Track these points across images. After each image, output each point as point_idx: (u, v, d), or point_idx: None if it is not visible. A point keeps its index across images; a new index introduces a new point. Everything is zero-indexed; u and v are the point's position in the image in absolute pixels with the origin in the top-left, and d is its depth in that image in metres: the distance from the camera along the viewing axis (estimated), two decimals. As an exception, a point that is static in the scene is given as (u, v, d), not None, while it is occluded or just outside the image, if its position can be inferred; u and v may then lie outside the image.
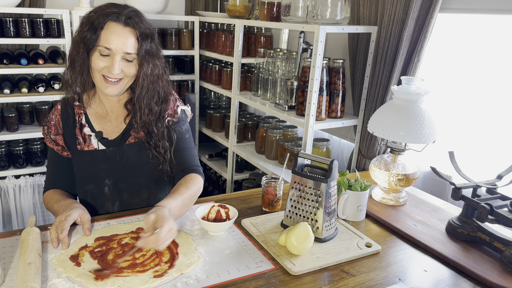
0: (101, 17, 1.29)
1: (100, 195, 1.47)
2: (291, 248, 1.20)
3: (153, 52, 1.36)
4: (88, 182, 1.46)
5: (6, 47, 2.69)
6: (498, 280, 1.14)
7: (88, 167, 1.44)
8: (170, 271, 1.10)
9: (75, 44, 1.32)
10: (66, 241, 1.19)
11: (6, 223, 2.70)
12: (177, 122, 1.48)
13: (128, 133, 1.45)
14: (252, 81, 2.61)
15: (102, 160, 1.43)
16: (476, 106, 1.80)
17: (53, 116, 1.46)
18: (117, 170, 1.44)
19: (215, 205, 1.37)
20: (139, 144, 1.44)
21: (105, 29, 1.28)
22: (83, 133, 1.43)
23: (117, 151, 1.43)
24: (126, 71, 1.33)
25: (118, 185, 1.46)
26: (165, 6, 3.27)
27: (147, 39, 1.33)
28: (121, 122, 1.46)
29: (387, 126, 1.52)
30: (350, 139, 2.36)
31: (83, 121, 1.44)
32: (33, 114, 2.77)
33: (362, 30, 1.99)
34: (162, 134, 1.43)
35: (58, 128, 1.45)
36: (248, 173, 2.88)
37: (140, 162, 1.45)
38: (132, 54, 1.31)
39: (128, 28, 1.30)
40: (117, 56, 1.29)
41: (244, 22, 2.46)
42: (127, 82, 1.36)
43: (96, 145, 1.43)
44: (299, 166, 1.36)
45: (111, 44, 1.28)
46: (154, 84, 1.38)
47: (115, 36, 1.28)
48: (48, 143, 1.47)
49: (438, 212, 1.54)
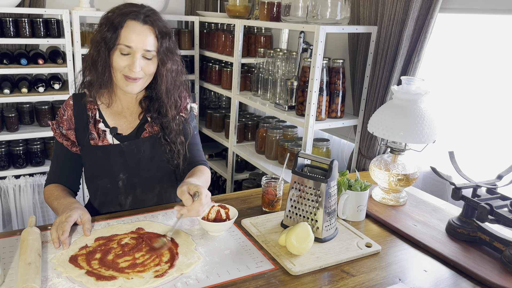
0: (120, 16, 1.32)
1: (114, 189, 1.49)
2: (291, 248, 1.20)
3: (172, 49, 1.41)
4: (101, 176, 1.48)
5: (6, 47, 2.69)
6: (498, 280, 1.14)
7: (102, 162, 1.45)
8: (170, 271, 1.10)
9: (95, 45, 1.35)
10: (67, 242, 1.19)
11: (6, 223, 2.70)
12: (187, 119, 1.53)
13: (143, 128, 1.48)
14: (252, 81, 2.61)
15: (117, 155, 1.45)
16: (476, 106, 1.80)
17: (64, 112, 1.47)
18: (131, 165, 1.47)
19: (215, 205, 1.37)
20: (153, 138, 1.47)
21: (125, 28, 1.31)
22: (97, 128, 1.45)
23: (132, 145, 1.45)
24: (145, 69, 1.36)
25: (132, 180, 1.49)
26: (165, 6, 3.27)
27: (165, 37, 1.37)
28: (135, 118, 1.50)
29: (387, 126, 1.52)
30: (350, 139, 2.36)
31: (97, 117, 1.46)
32: (33, 114, 2.77)
33: (362, 30, 1.99)
34: (179, 129, 1.48)
35: (70, 123, 1.46)
36: (248, 173, 2.88)
37: (154, 156, 1.48)
38: (152, 51, 1.34)
39: (147, 26, 1.33)
40: (138, 54, 1.32)
41: (244, 22, 2.46)
42: (146, 80, 1.40)
43: (111, 140, 1.45)
44: (299, 166, 1.36)
45: (132, 42, 1.31)
46: (175, 79, 1.44)
47: (135, 34, 1.31)
48: (57, 138, 1.47)
49: (438, 212, 1.54)
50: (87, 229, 1.25)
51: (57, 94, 2.63)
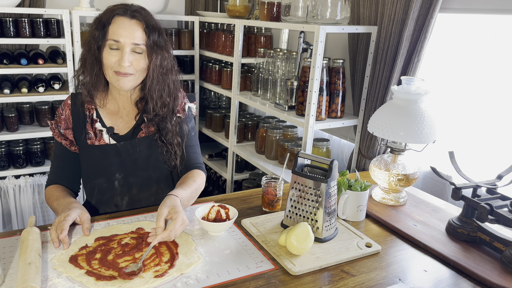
0: (108, 13, 1.34)
1: (110, 189, 1.49)
2: (291, 248, 1.20)
3: (162, 44, 1.39)
4: (98, 176, 1.48)
5: (6, 47, 2.69)
6: (498, 280, 1.14)
7: (98, 161, 1.46)
8: (170, 271, 1.11)
9: (86, 44, 1.37)
10: (67, 241, 1.19)
11: (6, 223, 2.70)
12: (184, 119, 1.53)
13: (139, 128, 1.49)
14: (252, 81, 2.61)
15: (113, 154, 1.46)
16: (476, 106, 1.80)
17: (62, 111, 1.48)
18: (128, 164, 1.47)
19: (215, 205, 1.37)
20: (149, 139, 1.48)
21: (112, 24, 1.33)
22: (94, 127, 1.46)
23: (128, 145, 1.46)
24: (135, 64, 1.35)
25: (128, 179, 1.49)
26: (165, 6, 3.27)
27: (154, 31, 1.37)
28: (131, 118, 1.50)
29: (387, 126, 1.52)
30: (350, 139, 2.36)
31: (94, 116, 1.47)
32: (33, 114, 2.77)
33: (362, 30, 1.99)
34: (175, 130, 1.47)
35: (68, 123, 1.47)
36: (248, 173, 2.88)
37: (150, 156, 1.48)
38: (141, 45, 1.34)
39: (135, 20, 1.34)
40: (126, 48, 1.33)
41: (244, 22, 2.46)
42: (138, 76, 1.39)
43: (107, 140, 1.46)
44: (299, 166, 1.36)
45: (119, 36, 1.31)
46: (164, 76, 1.42)
47: (123, 28, 1.32)
48: (56, 137, 1.48)
49: (438, 212, 1.54)
50: (86, 228, 1.26)
51: (57, 94, 2.63)
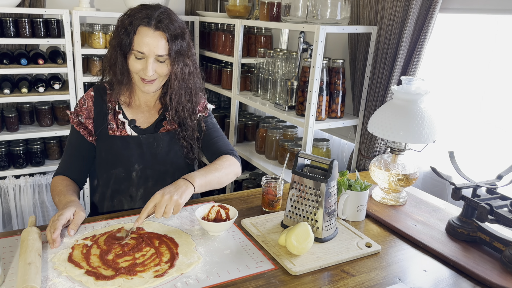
0: (133, 21, 1.38)
1: (127, 179, 1.53)
2: (291, 248, 1.20)
3: (184, 51, 1.45)
4: (116, 166, 1.51)
5: (6, 47, 2.69)
6: (498, 280, 1.14)
7: (119, 152, 1.50)
8: (170, 271, 1.11)
9: (113, 48, 1.44)
10: (58, 240, 1.19)
11: (6, 223, 2.70)
12: (208, 116, 1.64)
13: (161, 124, 1.55)
14: (252, 81, 2.61)
15: (135, 146, 1.50)
16: (476, 106, 1.80)
17: (85, 102, 1.53)
18: (147, 157, 1.52)
19: (215, 205, 1.37)
20: (170, 135, 1.55)
21: (137, 34, 1.38)
22: (116, 119, 1.51)
23: (151, 138, 1.52)
24: (159, 71, 1.42)
25: (146, 172, 1.53)
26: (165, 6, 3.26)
27: (177, 39, 1.41)
28: (153, 114, 1.57)
29: (387, 126, 1.52)
30: (350, 139, 2.36)
31: (117, 108, 1.52)
32: (33, 114, 2.77)
33: (362, 30, 1.99)
34: (195, 126, 1.57)
35: (89, 113, 1.51)
36: (248, 173, 2.88)
37: (170, 151, 1.55)
38: (164, 55, 1.40)
39: (159, 32, 1.38)
40: (150, 59, 1.39)
41: (244, 22, 2.46)
42: (162, 80, 1.47)
43: (129, 131, 1.51)
44: (299, 166, 1.36)
45: (144, 48, 1.37)
46: (185, 82, 1.50)
47: (147, 40, 1.37)
48: (75, 126, 1.51)
49: (438, 212, 1.54)
50: (71, 228, 1.24)
51: (57, 94, 2.63)
